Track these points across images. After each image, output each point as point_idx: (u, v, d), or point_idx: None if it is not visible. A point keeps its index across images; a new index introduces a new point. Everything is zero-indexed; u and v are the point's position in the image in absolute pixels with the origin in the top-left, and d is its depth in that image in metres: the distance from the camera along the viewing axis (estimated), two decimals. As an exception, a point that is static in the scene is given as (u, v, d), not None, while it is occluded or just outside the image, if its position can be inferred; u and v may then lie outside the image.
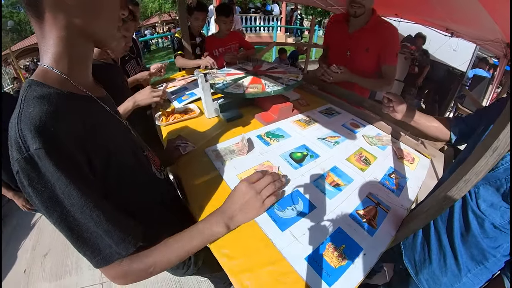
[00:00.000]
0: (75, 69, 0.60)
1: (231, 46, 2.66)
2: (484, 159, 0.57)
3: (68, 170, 0.50)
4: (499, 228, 0.82)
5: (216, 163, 1.00)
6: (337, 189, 0.91)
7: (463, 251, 0.92)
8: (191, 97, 1.65)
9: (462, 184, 0.63)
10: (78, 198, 0.51)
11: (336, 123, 1.35)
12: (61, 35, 0.55)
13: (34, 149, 0.47)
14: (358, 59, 1.76)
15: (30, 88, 0.53)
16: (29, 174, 0.48)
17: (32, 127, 0.47)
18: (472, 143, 1.00)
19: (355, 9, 1.57)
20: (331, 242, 0.73)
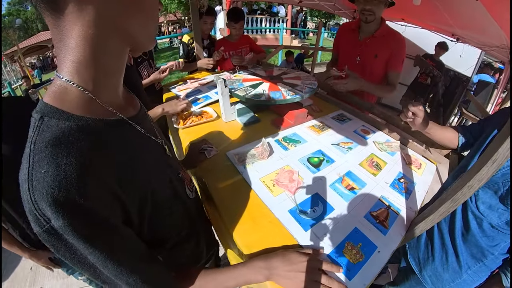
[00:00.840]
0: (104, 83, 0.48)
1: (241, 49, 2.70)
2: (486, 168, 0.65)
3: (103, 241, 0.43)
4: (497, 228, 0.89)
5: (239, 167, 1.06)
6: (352, 192, 0.98)
7: (464, 249, 0.98)
8: (206, 100, 1.70)
9: (466, 190, 0.71)
10: (114, 268, 0.46)
11: (348, 129, 1.42)
12: (87, 34, 0.41)
13: (57, 226, 0.38)
14: (367, 65, 1.85)
15: (42, 123, 0.41)
16: (55, 244, 0.40)
17: (51, 199, 0.37)
18: (474, 150, 1.06)
19: (366, 15, 1.66)
20: (349, 240, 0.80)
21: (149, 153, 0.60)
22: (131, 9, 0.45)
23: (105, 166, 0.44)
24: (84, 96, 0.45)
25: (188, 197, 0.78)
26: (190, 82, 2.12)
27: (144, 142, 0.60)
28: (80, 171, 0.40)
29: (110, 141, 0.48)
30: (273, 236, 0.81)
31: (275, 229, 0.83)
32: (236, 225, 0.84)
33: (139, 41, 0.50)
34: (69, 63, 0.43)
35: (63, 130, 0.41)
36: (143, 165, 0.55)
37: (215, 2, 14.17)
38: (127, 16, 0.45)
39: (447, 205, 0.76)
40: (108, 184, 0.44)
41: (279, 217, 0.85)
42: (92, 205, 0.41)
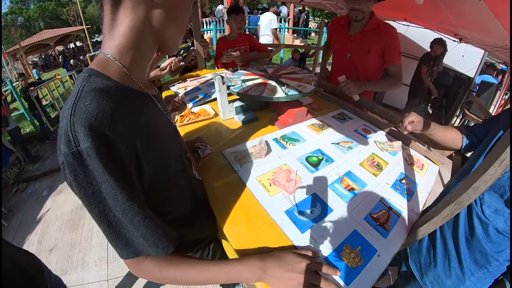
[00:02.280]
0: (137, 65, 0.59)
1: (240, 47, 2.69)
2: (493, 169, 0.61)
3: (117, 173, 0.49)
4: (502, 233, 0.86)
5: (235, 165, 1.03)
6: (352, 193, 0.95)
7: (467, 255, 0.95)
8: (205, 98, 1.68)
9: (472, 191, 0.67)
10: (123, 202, 0.50)
11: (349, 128, 1.39)
12: (135, 26, 0.54)
13: (85, 147, 0.45)
14: (359, 60, 1.83)
15: (89, 78, 0.51)
16: (75, 169, 0.46)
17: (87, 123, 0.45)
18: (478, 152, 1.04)
19: (356, 14, 1.65)
20: (348, 243, 0.77)
21: (165, 127, 0.70)
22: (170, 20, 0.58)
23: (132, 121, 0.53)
24: (122, 70, 0.56)
25: (194, 177, 0.85)
26: (189, 80, 2.11)
27: (162, 117, 0.69)
28: (114, 112, 0.49)
29: (138, 106, 0.58)
30: (268, 237, 0.78)
31: (270, 230, 0.80)
32: (230, 225, 0.82)
33: (166, 44, 0.63)
34: (115, 45, 0.55)
35: (105, 84, 0.51)
36: (161, 134, 0.64)
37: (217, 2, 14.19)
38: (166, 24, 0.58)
39: (451, 208, 0.72)
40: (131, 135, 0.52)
41: (275, 218, 0.82)
42: (118, 141, 0.48)
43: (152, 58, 0.64)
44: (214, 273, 0.65)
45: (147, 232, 0.55)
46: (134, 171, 0.54)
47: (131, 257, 0.58)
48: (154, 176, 0.60)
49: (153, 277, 0.63)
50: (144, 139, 0.56)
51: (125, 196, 0.50)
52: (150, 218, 0.56)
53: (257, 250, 0.75)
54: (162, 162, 0.63)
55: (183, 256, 0.66)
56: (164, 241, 0.59)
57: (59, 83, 6.15)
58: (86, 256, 2.48)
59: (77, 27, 18.20)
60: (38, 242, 2.72)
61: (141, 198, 0.55)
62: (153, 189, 0.61)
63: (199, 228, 0.89)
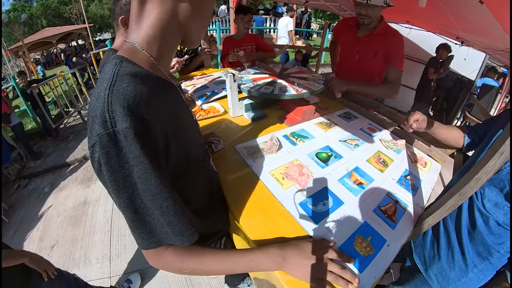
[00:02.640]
0: (163, 56, 0.60)
1: (246, 47, 2.70)
2: (493, 161, 0.66)
3: (152, 155, 0.49)
4: (503, 226, 0.89)
5: (247, 160, 1.07)
6: (360, 187, 0.99)
7: (470, 247, 0.98)
8: (213, 96, 1.71)
9: (474, 183, 0.72)
10: (155, 186, 0.50)
11: (355, 126, 1.43)
12: (162, 17, 0.55)
13: (123, 127, 0.45)
14: (366, 62, 1.85)
15: (122, 63, 0.52)
16: (109, 151, 0.46)
17: (126, 103, 0.46)
18: (479, 150, 1.07)
19: (363, 20, 1.69)
20: (359, 233, 0.81)
21: (187, 118, 0.71)
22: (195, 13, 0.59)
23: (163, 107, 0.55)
24: (150, 60, 0.57)
25: (212, 168, 0.88)
26: (197, 78, 2.13)
27: (185, 108, 0.71)
28: (149, 97, 0.50)
29: (166, 95, 0.59)
30: (284, 228, 0.81)
31: (286, 221, 0.83)
32: (246, 217, 0.85)
33: (190, 37, 0.64)
34: (142, 35, 0.56)
35: (137, 70, 0.52)
36: (185, 123, 0.66)
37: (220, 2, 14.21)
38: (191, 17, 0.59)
39: (455, 199, 0.77)
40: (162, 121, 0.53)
41: (290, 210, 0.86)
42: (153, 124, 0.50)
43: (175, 50, 0.66)
44: (235, 262, 0.65)
45: (175, 218, 0.54)
46: (164, 155, 0.54)
47: (152, 247, 0.57)
48: (178, 163, 0.60)
49: (173, 268, 0.62)
50: (172, 126, 0.57)
51: (158, 179, 0.50)
52: (179, 204, 0.56)
53: (274, 240, 0.77)
54: (186, 150, 0.64)
55: (203, 246, 0.66)
56: (190, 229, 0.58)
57: (62, 80, 6.16)
58: (89, 253, 2.46)
59: (80, 25, 18.22)
60: (40, 239, 2.71)
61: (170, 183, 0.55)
62: (175, 177, 0.61)
63: (213, 221, 0.90)
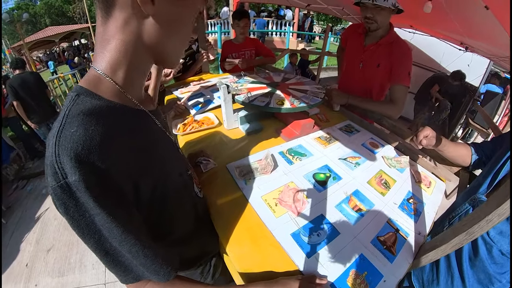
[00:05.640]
0: (132, 81, 0.55)
1: (245, 52, 2.67)
2: (507, 203, 0.58)
3: (111, 204, 0.46)
4: (506, 255, 0.85)
5: (239, 182, 1.01)
6: (359, 214, 0.92)
7: (471, 274, 0.94)
8: (208, 105, 1.66)
9: (484, 223, 0.64)
10: (119, 234, 0.47)
11: (356, 142, 1.37)
12: (126, 39, 0.50)
13: (72, 180, 0.41)
14: (369, 73, 1.76)
15: (78, 98, 0.47)
16: (65, 202, 0.43)
17: (73, 154, 0.41)
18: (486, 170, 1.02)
19: (369, 24, 1.59)
20: (354, 268, 0.75)
21: (163, 145, 0.66)
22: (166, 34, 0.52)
23: (125, 145, 0.50)
24: (114, 88, 0.52)
25: (196, 194, 0.82)
26: (193, 84, 2.08)
27: (160, 134, 0.66)
28: (103, 138, 0.45)
29: (132, 126, 0.54)
30: (274, 261, 0.76)
31: (276, 253, 0.78)
32: (234, 245, 0.80)
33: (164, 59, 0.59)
34: (106, 60, 0.51)
35: (95, 105, 0.47)
36: (159, 153, 0.61)
37: (222, 3, 14.19)
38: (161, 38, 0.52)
39: (461, 237, 0.70)
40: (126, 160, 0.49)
41: (280, 241, 0.80)
42: (110, 169, 0.45)
43: (147, 72, 0.61)
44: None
45: (147, 261, 0.53)
46: (131, 196, 0.51)
47: (131, 282, 0.56)
48: (153, 197, 0.57)
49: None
50: (141, 160, 0.53)
51: (120, 228, 0.47)
52: (149, 248, 0.53)
53: (262, 274, 0.73)
54: (162, 182, 0.60)
55: (186, 281, 0.64)
56: (165, 268, 0.57)
57: (61, 80, 6.14)
58: (84, 258, 2.46)
59: (83, 25, 18.25)
60: (36, 242, 2.71)
61: (139, 227, 0.53)
62: (153, 210, 0.59)
63: (202, 243, 0.88)
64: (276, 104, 1.30)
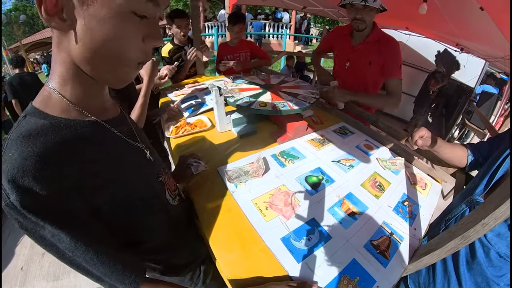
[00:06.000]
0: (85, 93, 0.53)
1: (240, 54, 2.66)
2: (504, 206, 0.56)
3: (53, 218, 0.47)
4: (504, 258, 0.83)
5: (229, 185, 0.98)
6: (352, 218, 0.90)
7: (468, 277, 0.93)
8: (201, 107, 1.64)
9: (480, 227, 0.62)
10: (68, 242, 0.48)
11: (350, 143, 1.35)
12: (63, 56, 0.48)
13: (13, 199, 0.43)
14: (359, 72, 1.77)
15: (24, 120, 0.48)
16: (17, 218, 0.45)
17: (10, 176, 0.43)
18: (483, 171, 1.01)
19: (358, 24, 1.61)
20: (346, 274, 0.73)
21: (124, 155, 0.62)
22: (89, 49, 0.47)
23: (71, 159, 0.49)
24: (63, 102, 0.51)
25: (168, 202, 0.78)
26: (188, 87, 2.06)
27: (120, 144, 0.63)
28: (42, 158, 0.45)
29: (82, 139, 0.52)
30: (263, 266, 0.74)
31: (266, 258, 0.76)
32: (224, 252, 0.78)
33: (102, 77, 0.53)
34: (56, 75, 0.50)
35: (36, 125, 0.47)
36: (117, 164, 0.59)
37: (219, 6, 14.19)
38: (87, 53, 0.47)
39: (456, 242, 0.68)
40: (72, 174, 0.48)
41: (270, 246, 0.78)
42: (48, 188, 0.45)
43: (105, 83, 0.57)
44: None
45: (105, 269, 0.54)
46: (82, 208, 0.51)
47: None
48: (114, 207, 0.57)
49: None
50: (92, 172, 0.52)
51: (68, 236, 0.48)
52: (104, 254, 0.54)
53: (251, 280, 0.71)
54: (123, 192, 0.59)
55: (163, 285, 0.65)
56: (128, 276, 0.57)
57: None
58: (79, 262, 2.45)
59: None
60: (31, 245, 2.63)
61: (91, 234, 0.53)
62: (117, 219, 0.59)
63: (188, 251, 0.87)
64: (259, 106, 1.28)
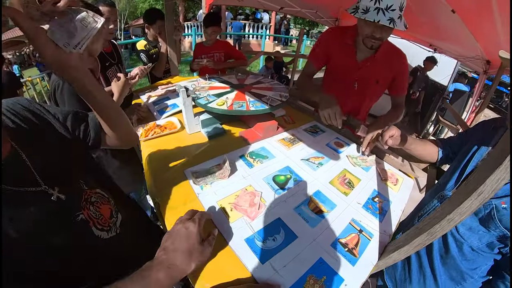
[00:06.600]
0: None
1: (214, 54, 2.68)
2: (469, 202, 0.56)
3: None
4: (477, 251, 0.85)
5: (195, 187, 0.95)
6: (319, 216, 0.88)
7: (442, 272, 0.95)
8: (173, 109, 1.59)
9: (445, 223, 0.62)
10: None
11: (321, 142, 1.33)
12: None
13: None
14: (367, 92, 1.56)
15: None
16: None
17: None
18: (453, 166, 1.03)
19: (373, 43, 1.30)
20: (312, 273, 0.70)
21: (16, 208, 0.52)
22: None
23: None
24: None
25: (99, 238, 0.67)
26: (161, 88, 2.01)
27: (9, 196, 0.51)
28: None
29: None
30: (227, 268, 0.71)
31: (230, 260, 0.73)
32: None
33: None
34: None
35: None
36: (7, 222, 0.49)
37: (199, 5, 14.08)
38: None
39: (422, 238, 0.67)
40: None
41: (233, 247, 0.75)
42: None
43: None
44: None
45: None
46: None
47: None
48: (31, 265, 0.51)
49: None
50: None
51: None
52: None
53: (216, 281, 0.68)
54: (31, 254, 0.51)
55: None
56: None
57: (29, 85, 5.81)
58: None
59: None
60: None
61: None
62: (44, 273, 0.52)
63: None
64: (216, 105, 1.24)
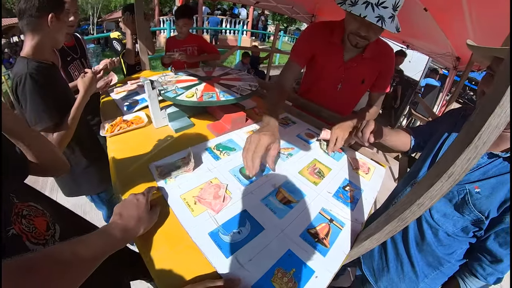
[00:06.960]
0: None
1: (187, 48, 2.64)
2: (439, 184, 0.53)
3: None
4: (452, 236, 0.87)
5: (159, 182, 0.89)
6: (287, 206, 0.85)
7: (419, 258, 0.96)
8: (141, 103, 1.52)
9: (416, 208, 0.59)
10: None
11: (291, 133, 1.31)
12: None
13: None
14: (351, 92, 1.48)
15: None
16: None
17: None
18: (424, 154, 1.03)
19: (358, 41, 1.19)
20: (280, 266, 0.67)
21: None
22: None
23: None
24: None
25: None
26: (130, 83, 1.92)
27: None
28: None
29: None
30: (190, 263, 0.67)
31: (193, 255, 0.68)
32: (149, 250, 0.69)
33: None
34: None
35: None
36: None
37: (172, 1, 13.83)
38: None
39: (393, 224, 0.65)
40: None
41: (197, 241, 0.71)
42: None
43: None
44: None
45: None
46: None
47: None
48: None
49: None
50: None
51: None
52: None
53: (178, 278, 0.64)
54: None
55: None
56: None
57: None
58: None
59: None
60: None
61: None
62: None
63: None
64: (186, 97, 1.19)
